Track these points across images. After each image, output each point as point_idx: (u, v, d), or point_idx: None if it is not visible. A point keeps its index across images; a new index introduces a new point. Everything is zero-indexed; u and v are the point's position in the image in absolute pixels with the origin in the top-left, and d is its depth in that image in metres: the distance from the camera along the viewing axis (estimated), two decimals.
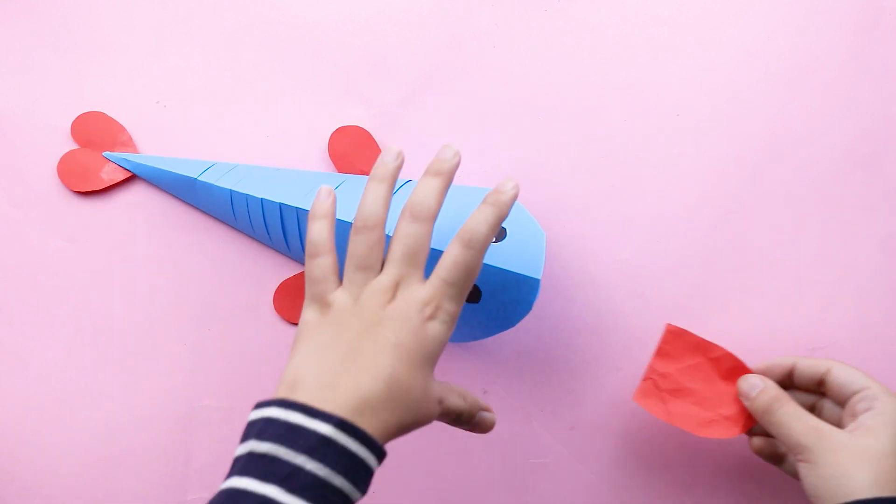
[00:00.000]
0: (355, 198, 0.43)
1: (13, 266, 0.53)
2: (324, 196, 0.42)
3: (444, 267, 0.40)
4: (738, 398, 0.47)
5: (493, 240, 0.45)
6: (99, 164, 0.54)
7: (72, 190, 0.54)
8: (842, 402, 0.45)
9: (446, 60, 0.55)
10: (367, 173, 0.53)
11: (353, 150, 0.53)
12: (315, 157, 0.54)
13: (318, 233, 0.41)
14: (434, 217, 0.41)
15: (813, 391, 0.47)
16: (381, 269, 0.40)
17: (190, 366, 0.52)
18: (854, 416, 0.44)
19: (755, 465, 0.50)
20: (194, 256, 0.53)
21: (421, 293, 0.39)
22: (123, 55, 0.55)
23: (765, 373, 0.48)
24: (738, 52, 0.54)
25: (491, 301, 0.45)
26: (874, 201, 0.52)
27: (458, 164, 0.42)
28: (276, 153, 0.54)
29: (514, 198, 0.41)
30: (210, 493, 0.36)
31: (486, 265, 0.44)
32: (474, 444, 0.51)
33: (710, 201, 0.52)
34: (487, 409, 0.43)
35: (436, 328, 0.39)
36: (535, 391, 0.51)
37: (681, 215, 0.52)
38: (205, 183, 0.52)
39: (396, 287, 0.39)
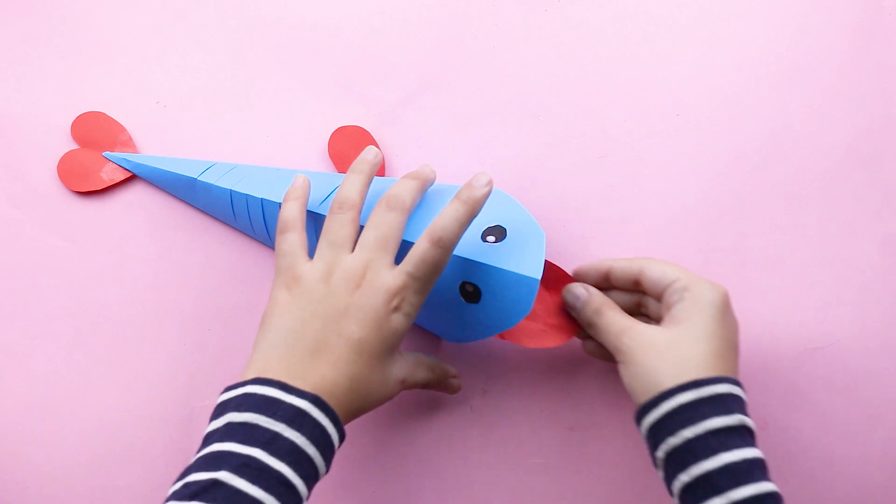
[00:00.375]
0: None
1: (13, 266, 0.53)
2: (299, 182, 0.46)
3: (411, 262, 0.41)
4: (563, 307, 0.47)
5: (493, 240, 0.45)
6: (99, 164, 0.54)
7: (72, 190, 0.54)
8: (659, 297, 0.45)
9: (446, 60, 0.55)
10: None
11: (353, 150, 0.53)
12: (315, 157, 0.54)
13: (289, 211, 0.44)
14: (408, 211, 0.43)
15: (634, 291, 0.47)
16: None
17: (190, 366, 0.52)
18: (669, 309, 0.43)
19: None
20: (194, 256, 0.53)
21: (388, 281, 0.41)
22: (123, 55, 0.55)
23: (583, 276, 0.47)
24: (738, 52, 0.54)
25: (490, 301, 0.45)
26: (874, 201, 0.52)
27: (433, 179, 0.45)
28: (276, 153, 0.54)
29: (487, 195, 0.43)
30: None
31: (485, 265, 0.44)
32: (474, 444, 0.51)
33: (709, 201, 0.52)
34: (455, 376, 0.48)
35: (399, 320, 0.41)
36: (535, 391, 0.51)
37: (681, 215, 0.52)
38: (205, 183, 0.52)
39: (365, 270, 0.41)
